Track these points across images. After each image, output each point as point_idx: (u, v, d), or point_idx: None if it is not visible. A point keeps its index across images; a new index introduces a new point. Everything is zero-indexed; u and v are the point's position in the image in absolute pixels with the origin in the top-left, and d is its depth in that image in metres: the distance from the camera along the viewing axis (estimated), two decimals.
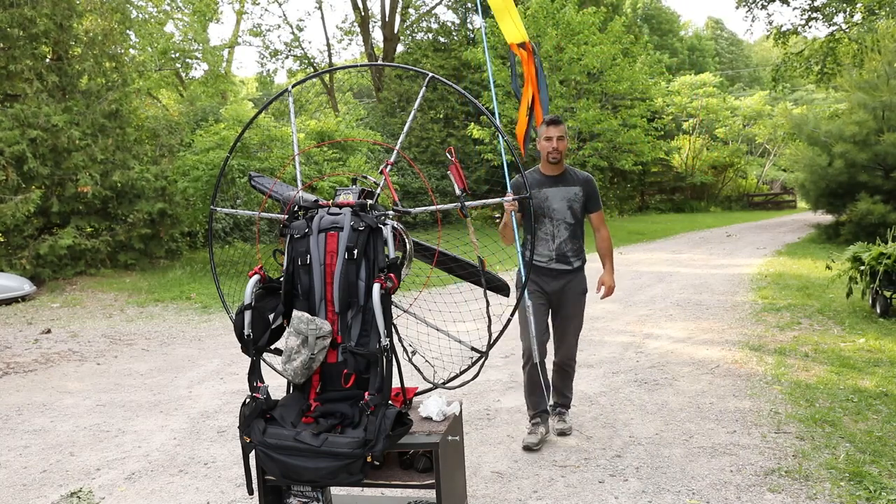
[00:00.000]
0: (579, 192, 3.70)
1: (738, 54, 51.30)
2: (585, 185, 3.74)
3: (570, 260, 3.71)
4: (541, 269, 3.72)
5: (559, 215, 3.67)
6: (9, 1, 10.26)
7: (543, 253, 3.72)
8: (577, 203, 3.70)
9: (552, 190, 3.68)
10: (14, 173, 9.96)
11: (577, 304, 3.76)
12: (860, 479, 3.17)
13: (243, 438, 2.27)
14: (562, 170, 3.72)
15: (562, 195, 3.68)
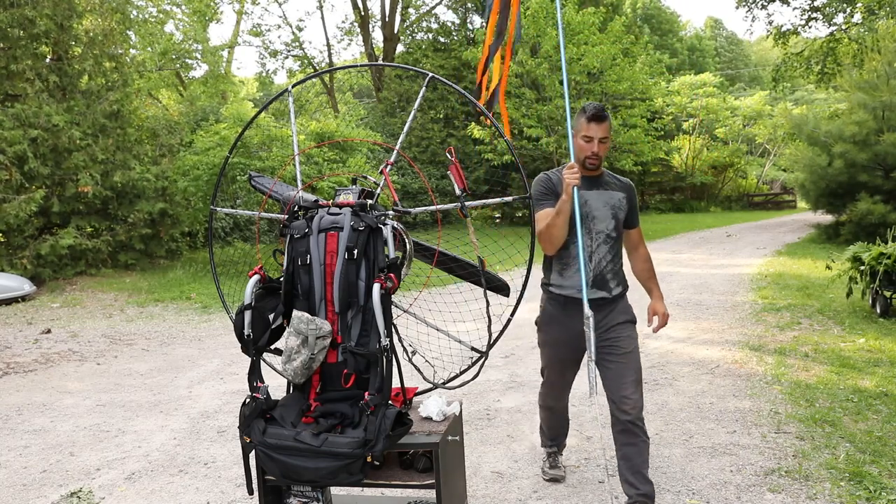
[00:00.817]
0: (623, 200, 2.92)
1: (738, 53, 51.31)
2: (629, 192, 2.97)
3: (609, 285, 2.86)
4: (568, 303, 2.86)
5: (601, 225, 2.84)
6: (9, 1, 10.26)
7: (573, 280, 2.84)
8: (623, 212, 2.91)
9: (591, 193, 2.85)
10: (17, 173, 9.97)
11: (624, 336, 2.84)
12: (860, 479, 3.17)
13: (243, 438, 2.27)
14: (600, 172, 2.96)
15: (604, 200, 2.87)
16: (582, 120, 2.82)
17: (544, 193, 2.86)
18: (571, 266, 2.87)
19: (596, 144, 2.81)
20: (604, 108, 2.82)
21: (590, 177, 2.89)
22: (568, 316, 2.89)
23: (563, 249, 2.86)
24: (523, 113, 17.78)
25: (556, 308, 2.95)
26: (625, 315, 2.91)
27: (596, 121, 2.80)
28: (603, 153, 2.85)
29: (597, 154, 2.82)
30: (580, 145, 2.84)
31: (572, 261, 2.86)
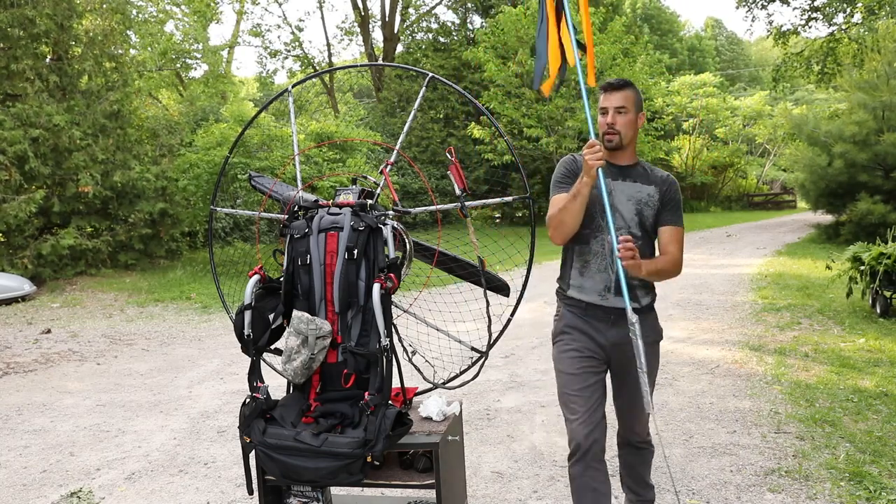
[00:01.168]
0: (654, 195, 2.46)
1: (739, 53, 51.32)
2: (665, 186, 2.49)
3: (636, 293, 2.47)
4: (588, 309, 2.47)
5: (621, 222, 2.43)
6: (9, 1, 10.27)
7: (594, 281, 2.45)
8: (651, 209, 2.45)
9: (615, 184, 2.44)
10: (17, 173, 9.97)
11: (648, 361, 2.39)
12: (860, 479, 3.17)
13: (243, 438, 2.27)
14: (632, 160, 2.51)
15: (630, 193, 2.45)
16: (600, 92, 2.50)
17: (565, 176, 2.47)
18: (592, 264, 2.46)
19: (611, 114, 2.41)
20: (626, 79, 2.48)
21: (618, 165, 2.48)
22: (590, 325, 2.47)
23: (583, 244, 2.45)
24: (523, 113, 17.78)
25: (575, 315, 2.50)
26: (651, 332, 2.54)
27: (609, 90, 2.45)
28: (623, 126, 2.41)
29: (613, 126, 2.41)
30: (599, 122, 2.47)
31: (593, 258, 2.46)
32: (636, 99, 2.45)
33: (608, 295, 2.44)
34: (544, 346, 6.08)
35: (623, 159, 2.49)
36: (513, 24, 17.44)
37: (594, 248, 2.46)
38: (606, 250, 2.43)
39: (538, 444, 3.80)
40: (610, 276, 2.43)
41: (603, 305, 2.45)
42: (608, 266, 2.44)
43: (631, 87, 2.45)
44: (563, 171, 2.50)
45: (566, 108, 17.67)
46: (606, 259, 2.44)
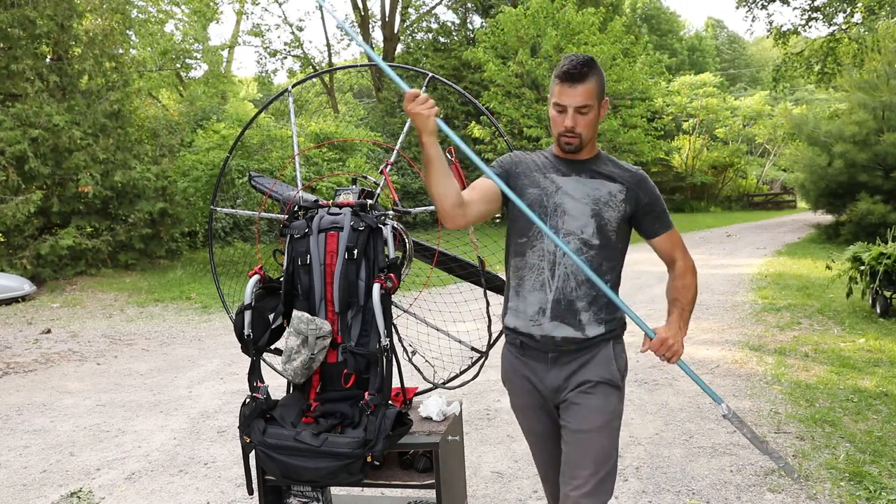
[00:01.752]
0: (618, 195, 1.97)
1: (740, 53, 51.34)
2: (634, 184, 2.00)
3: (578, 319, 1.92)
4: (524, 346, 1.99)
5: (573, 225, 1.93)
6: (10, 1, 10.27)
7: (527, 303, 1.95)
8: (614, 211, 1.95)
9: (568, 181, 1.97)
10: (15, 173, 9.97)
11: (599, 407, 1.92)
12: (860, 479, 3.18)
13: (243, 438, 2.27)
14: (590, 153, 2.01)
15: (584, 191, 1.95)
16: (555, 82, 1.91)
17: (493, 167, 2.02)
18: (527, 281, 1.94)
19: (570, 116, 1.89)
20: (586, 61, 1.88)
21: (574, 161, 2.00)
22: (528, 366, 1.99)
23: (519, 257, 1.97)
24: (523, 113, 17.78)
25: (512, 355, 2.03)
26: (602, 372, 1.93)
27: (569, 81, 1.87)
28: (586, 128, 1.91)
29: (572, 131, 1.91)
30: (553, 117, 1.93)
31: (528, 272, 1.94)
32: (599, 88, 1.91)
33: (541, 319, 1.90)
34: None
35: (582, 154, 2.00)
36: (513, 24, 17.43)
37: (530, 260, 1.95)
38: (547, 261, 1.92)
39: None
40: (547, 296, 1.91)
41: (535, 335, 1.92)
42: (546, 281, 1.91)
43: (594, 74, 1.89)
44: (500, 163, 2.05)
45: None
46: (545, 273, 1.92)
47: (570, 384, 1.94)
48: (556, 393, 1.97)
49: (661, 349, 1.85)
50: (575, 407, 1.92)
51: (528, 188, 1.98)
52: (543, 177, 1.98)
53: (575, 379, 1.94)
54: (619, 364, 1.98)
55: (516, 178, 2.00)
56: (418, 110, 1.75)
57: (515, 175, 2.01)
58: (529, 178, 1.99)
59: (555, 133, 1.96)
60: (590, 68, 1.88)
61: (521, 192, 1.96)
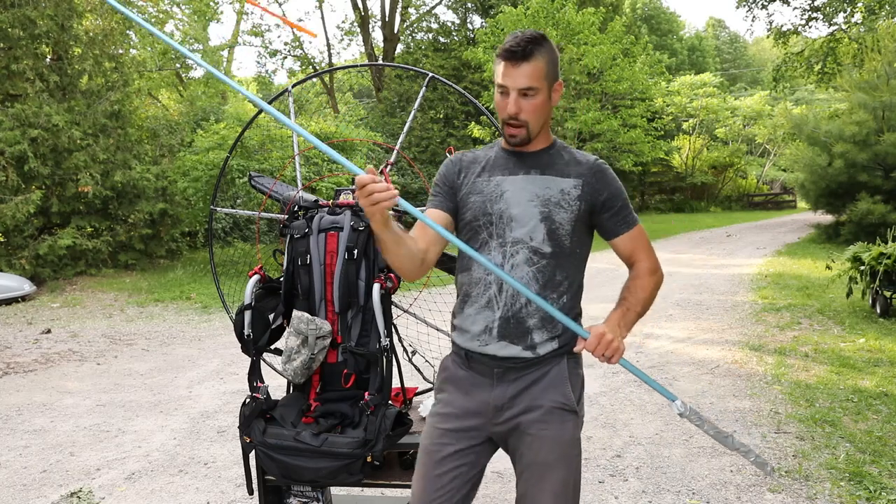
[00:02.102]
0: (572, 191, 1.71)
1: (741, 52, 51.36)
2: (592, 178, 1.73)
3: (530, 337, 1.70)
4: (473, 358, 1.76)
5: (520, 232, 1.70)
6: (10, 1, 10.27)
7: (473, 321, 1.75)
8: (567, 212, 1.70)
9: (515, 180, 1.73)
10: (14, 173, 9.97)
11: (548, 438, 1.69)
12: (860, 479, 3.18)
13: (243, 438, 2.27)
14: (543, 144, 1.77)
15: (533, 191, 1.71)
16: (496, 61, 1.68)
17: (435, 185, 1.81)
18: (473, 297, 1.75)
19: (513, 100, 1.65)
20: (533, 37, 1.64)
21: (523, 153, 1.76)
22: (472, 380, 1.75)
23: (464, 271, 1.78)
24: None
25: (456, 363, 1.81)
26: (555, 396, 1.70)
27: (512, 59, 1.63)
28: (533, 114, 1.67)
29: (516, 118, 1.67)
30: (497, 102, 1.70)
31: (475, 288, 1.74)
32: (549, 68, 1.66)
33: (487, 338, 1.70)
34: None
35: (532, 145, 1.76)
36: (513, 24, 17.43)
37: (476, 274, 1.74)
38: (493, 276, 1.70)
39: None
40: (494, 314, 1.70)
41: (482, 353, 1.71)
42: (493, 298, 1.71)
43: (541, 52, 1.64)
44: (440, 175, 1.82)
45: (566, 109, 17.67)
46: (492, 289, 1.71)
47: (517, 405, 1.70)
48: (497, 412, 1.71)
49: (598, 347, 1.58)
50: (528, 438, 1.69)
51: (469, 197, 1.75)
52: (487, 179, 1.74)
53: (522, 400, 1.70)
54: (573, 383, 1.73)
55: (461, 188, 1.78)
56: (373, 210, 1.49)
57: (460, 186, 1.78)
58: (471, 186, 1.76)
59: (500, 120, 1.73)
60: (536, 45, 1.64)
61: (464, 204, 1.75)
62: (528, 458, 1.69)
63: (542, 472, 1.68)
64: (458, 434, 1.73)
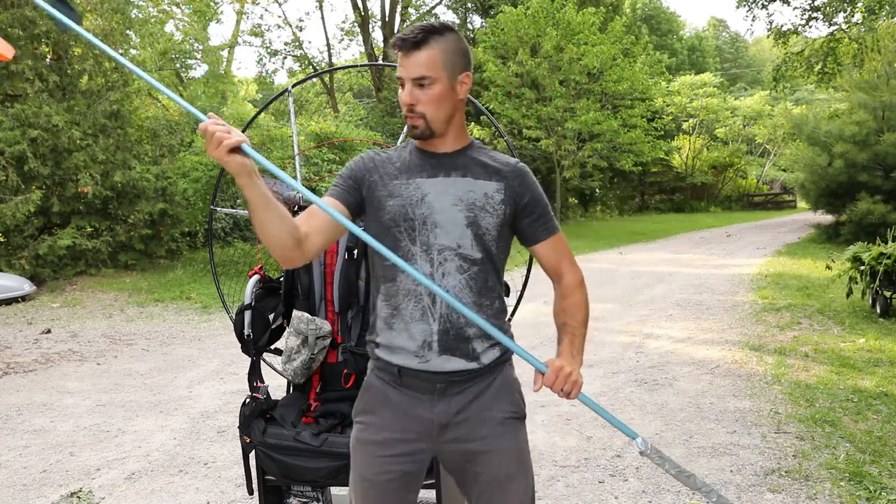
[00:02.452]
0: (496, 195, 1.64)
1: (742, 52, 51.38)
2: (514, 180, 1.67)
3: (471, 346, 1.62)
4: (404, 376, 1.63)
5: (446, 238, 1.60)
6: (10, 1, 10.27)
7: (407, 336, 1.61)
8: (493, 216, 1.62)
9: (434, 183, 1.62)
10: (14, 173, 9.98)
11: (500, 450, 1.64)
12: (860, 479, 3.18)
13: (243, 438, 2.27)
14: (457, 144, 1.68)
15: (456, 195, 1.62)
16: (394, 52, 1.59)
17: (342, 177, 1.67)
18: (404, 310, 1.61)
19: (408, 90, 1.57)
20: (430, 26, 1.57)
21: (439, 154, 1.65)
22: (406, 398, 1.63)
23: (388, 282, 1.64)
24: (523, 113, 17.79)
25: (385, 384, 1.67)
26: (506, 404, 1.66)
27: (405, 48, 1.55)
28: (430, 105, 1.58)
29: (412, 109, 1.58)
30: (399, 96, 1.62)
31: (404, 300, 1.61)
32: (446, 57, 1.56)
33: (428, 354, 1.59)
34: (544, 346, 6.08)
35: (441, 145, 1.65)
36: (513, 24, 17.44)
37: (403, 285, 1.61)
38: (423, 286, 1.58)
39: (538, 444, 3.80)
40: (431, 326, 1.59)
41: (423, 370, 1.60)
42: (427, 309, 1.59)
43: (438, 41, 1.55)
44: (348, 168, 1.68)
45: (566, 109, 17.68)
46: (424, 300, 1.59)
47: (464, 421, 1.61)
48: (442, 430, 1.61)
49: (557, 382, 1.52)
50: (483, 456, 1.62)
51: (386, 200, 1.61)
52: (406, 182, 1.62)
53: (469, 414, 1.61)
54: (517, 389, 1.71)
55: (372, 188, 1.63)
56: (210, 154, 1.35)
57: (371, 185, 1.64)
58: (386, 188, 1.62)
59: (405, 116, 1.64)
60: (432, 33, 1.55)
61: (380, 207, 1.62)
62: (487, 476, 1.63)
63: (504, 485, 1.64)
64: (402, 459, 1.62)
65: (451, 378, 1.61)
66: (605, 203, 28.08)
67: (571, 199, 25.62)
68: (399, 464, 1.63)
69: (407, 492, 1.66)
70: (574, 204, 25.94)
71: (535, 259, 1.76)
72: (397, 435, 1.63)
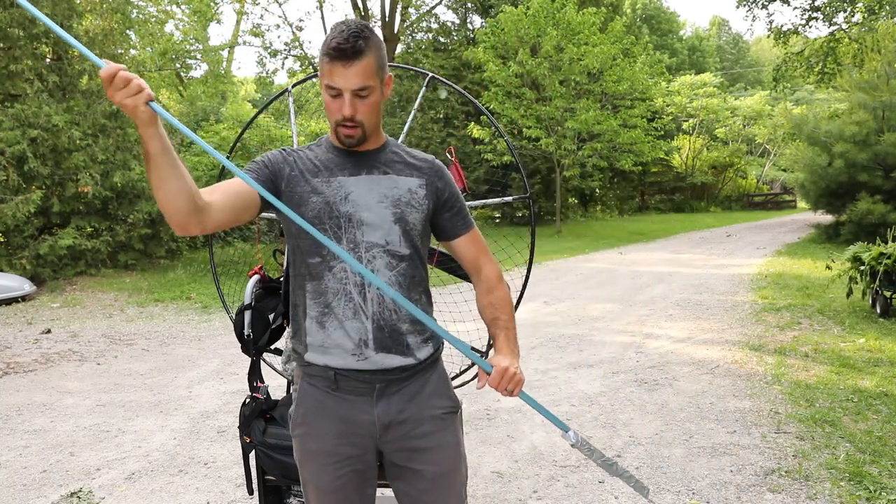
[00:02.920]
0: (419, 190, 1.66)
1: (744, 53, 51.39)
2: (433, 176, 1.70)
3: (405, 342, 1.62)
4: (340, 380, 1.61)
5: (374, 235, 1.60)
6: (9, 1, 10.27)
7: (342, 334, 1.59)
8: (418, 211, 1.64)
9: (358, 181, 1.62)
10: (15, 173, 9.98)
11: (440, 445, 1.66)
12: (860, 479, 3.18)
13: (243, 438, 2.27)
14: (377, 143, 1.68)
15: (381, 191, 1.63)
16: (323, 59, 1.54)
17: (256, 163, 1.65)
18: (336, 308, 1.59)
19: (349, 102, 1.54)
20: (360, 30, 1.52)
21: (359, 152, 1.65)
22: (344, 403, 1.61)
23: (315, 280, 1.61)
24: (523, 113, 17.79)
25: (320, 391, 1.64)
26: (444, 400, 1.69)
27: (342, 59, 1.50)
28: (368, 114, 1.58)
29: (352, 119, 1.56)
30: (327, 104, 1.59)
31: (335, 299, 1.59)
32: (378, 63, 1.55)
33: (366, 352, 1.58)
34: (544, 346, 6.08)
35: (366, 144, 1.65)
36: (513, 24, 17.44)
37: (331, 284, 1.58)
38: (352, 283, 1.57)
39: (538, 444, 3.80)
40: (364, 324, 1.57)
41: (361, 370, 1.58)
42: (359, 308, 1.58)
43: (371, 48, 1.53)
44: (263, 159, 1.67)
45: (566, 109, 17.68)
46: (354, 298, 1.58)
47: (406, 421, 1.62)
48: (385, 430, 1.61)
49: (502, 383, 1.50)
50: (426, 453, 1.64)
51: (309, 196, 1.59)
52: (327, 180, 1.60)
53: (409, 413, 1.62)
54: (450, 388, 1.74)
55: (292, 182, 1.61)
56: (121, 101, 1.29)
57: (290, 179, 1.61)
58: (308, 184, 1.60)
59: (331, 122, 1.61)
60: (366, 40, 1.51)
61: (301, 202, 1.58)
62: (432, 472, 1.65)
63: (447, 480, 1.67)
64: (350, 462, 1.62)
65: (389, 377, 1.61)
66: (605, 203, 28.09)
67: (571, 199, 25.63)
68: (348, 466, 1.63)
69: (364, 488, 1.67)
70: (574, 204, 25.96)
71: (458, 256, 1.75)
72: (341, 440, 1.62)
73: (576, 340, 6.28)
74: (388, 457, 1.66)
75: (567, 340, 6.28)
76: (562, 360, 5.61)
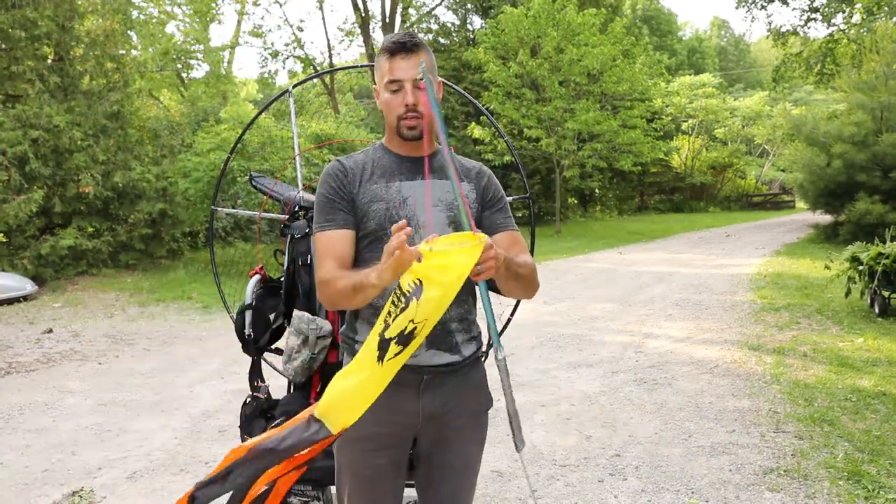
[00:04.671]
0: (472, 194, 1.75)
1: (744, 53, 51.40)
2: (482, 181, 1.78)
3: (454, 340, 1.70)
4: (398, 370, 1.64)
5: None
6: (10, 2, 10.29)
7: None
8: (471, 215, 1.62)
9: (416, 186, 1.69)
10: (16, 174, 9.99)
11: (471, 440, 1.81)
12: (858, 478, 3.19)
13: (244, 438, 2.28)
14: (430, 148, 1.73)
15: (436, 195, 1.70)
16: (382, 60, 1.66)
17: (331, 200, 1.69)
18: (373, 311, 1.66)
19: (410, 91, 1.62)
20: (415, 35, 1.67)
21: (414, 157, 1.71)
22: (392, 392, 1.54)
23: None
24: (523, 113, 17.81)
25: None
26: (481, 398, 1.80)
27: (402, 52, 1.62)
28: (427, 109, 1.64)
29: (414, 109, 1.63)
30: (387, 101, 1.66)
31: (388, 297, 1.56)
32: (432, 62, 1.68)
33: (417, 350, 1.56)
34: (544, 346, 6.10)
35: (418, 148, 1.70)
36: (513, 24, 17.46)
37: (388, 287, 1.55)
38: None
39: (538, 444, 3.82)
40: None
41: (410, 364, 1.57)
42: None
43: (424, 47, 1.66)
44: (331, 188, 1.70)
45: (566, 109, 17.70)
46: None
47: (447, 413, 1.70)
48: (428, 421, 1.69)
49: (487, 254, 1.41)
50: (455, 445, 1.75)
51: (371, 205, 1.66)
52: (385, 185, 1.67)
53: (450, 405, 1.70)
54: (487, 386, 1.82)
55: (358, 197, 1.68)
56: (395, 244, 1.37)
57: (357, 195, 1.69)
58: (369, 192, 1.67)
59: (392, 119, 1.67)
60: (420, 41, 1.65)
61: (365, 213, 1.66)
62: (459, 462, 1.76)
63: (468, 473, 1.79)
64: (390, 452, 1.70)
65: (437, 370, 1.68)
66: (604, 203, 28.10)
67: (571, 199, 25.64)
68: (387, 455, 1.69)
69: (396, 477, 1.74)
70: (574, 204, 25.96)
71: None
72: (383, 429, 1.67)
73: (575, 340, 6.29)
74: (420, 444, 1.74)
75: (567, 340, 6.30)
76: (561, 360, 5.62)
